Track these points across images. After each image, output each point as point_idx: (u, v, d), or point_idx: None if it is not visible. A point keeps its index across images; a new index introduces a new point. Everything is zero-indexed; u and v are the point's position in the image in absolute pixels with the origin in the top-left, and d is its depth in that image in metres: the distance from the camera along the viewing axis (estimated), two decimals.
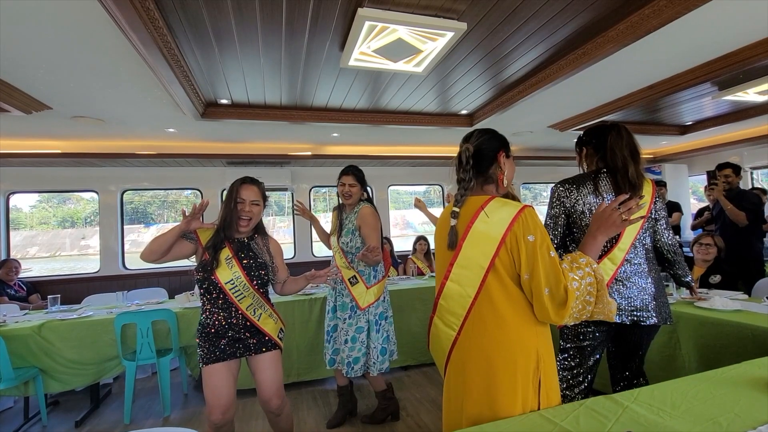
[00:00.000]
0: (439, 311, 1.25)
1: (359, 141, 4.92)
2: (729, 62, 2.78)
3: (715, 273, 2.89)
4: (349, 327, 2.48)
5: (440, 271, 1.26)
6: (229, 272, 1.84)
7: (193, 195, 5.40)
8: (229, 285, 1.83)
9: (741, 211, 3.26)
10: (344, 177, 2.53)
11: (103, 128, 3.79)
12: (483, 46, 2.52)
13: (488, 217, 1.16)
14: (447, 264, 1.22)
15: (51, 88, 2.80)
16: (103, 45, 2.21)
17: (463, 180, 1.25)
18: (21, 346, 2.77)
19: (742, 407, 1.08)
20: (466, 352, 1.16)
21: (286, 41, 2.38)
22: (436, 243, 1.35)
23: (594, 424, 1.03)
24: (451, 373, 1.20)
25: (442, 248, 1.27)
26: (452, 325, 1.19)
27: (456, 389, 1.18)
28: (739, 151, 5.63)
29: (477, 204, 1.20)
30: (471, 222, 1.18)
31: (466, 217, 1.21)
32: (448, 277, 1.20)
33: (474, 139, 1.31)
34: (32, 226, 21.45)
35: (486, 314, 1.14)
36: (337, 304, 2.55)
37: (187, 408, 3.09)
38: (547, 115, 4.09)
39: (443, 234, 1.27)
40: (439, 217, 1.39)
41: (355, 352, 2.47)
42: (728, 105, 4.19)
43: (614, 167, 1.71)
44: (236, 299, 1.84)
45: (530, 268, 1.10)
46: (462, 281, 1.18)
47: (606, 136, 1.74)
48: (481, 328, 1.14)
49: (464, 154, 1.26)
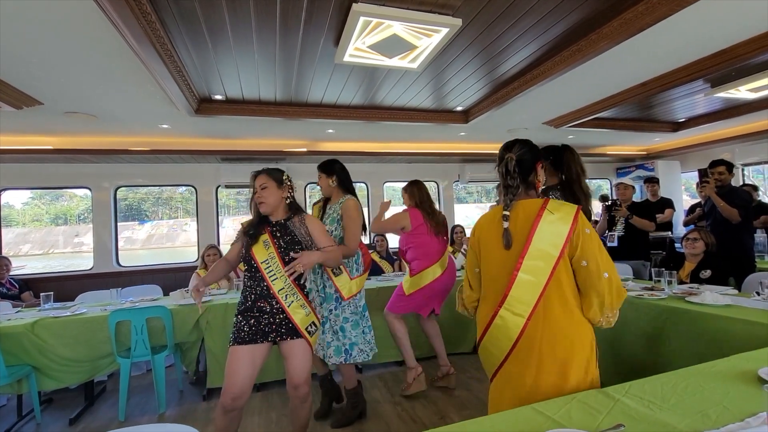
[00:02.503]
0: (508, 302, 1.35)
1: (354, 137, 4.92)
2: (721, 59, 2.80)
3: (705, 268, 2.93)
4: (337, 317, 2.55)
5: (502, 268, 1.39)
6: (265, 252, 1.99)
7: (188, 192, 5.37)
8: (265, 265, 1.97)
9: (733, 208, 3.30)
10: (319, 171, 2.75)
11: (95, 124, 3.75)
12: (478, 42, 2.52)
13: (553, 214, 1.34)
14: (512, 260, 1.36)
15: (42, 84, 2.77)
16: (94, 40, 2.18)
17: (512, 186, 1.41)
18: (14, 344, 2.75)
19: (731, 400, 1.10)
20: (538, 332, 1.31)
21: (280, 36, 2.36)
22: (485, 244, 1.47)
23: (586, 418, 1.04)
24: (518, 358, 1.34)
25: (496, 248, 1.41)
26: (522, 313, 1.33)
27: (523, 370, 1.33)
28: (731, 147, 5.69)
29: (530, 206, 1.39)
30: (536, 221, 1.35)
31: (524, 218, 1.38)
32: (519, 269, 1.34)
33: (516, 149, 1.47)
34: (25, 223, 21.23)
35: (555, 298, 1.32)
36: (321, 296, 2.58)
37: (182, 405, 3.09)
38: (542, 111, 4.11)
39: (495, 235, 1.42)
40: (484, 222, 1.52)
41: (347, 341, 2.54)
42: (720, 102, 4.23)
43: (570, 179, 2.06)
44: (270, 280, 1.96)
45: (588, 255, 1.30)
46: (534, 272, 1.32)
47: (563, 154, 2.11)
48: (552, 311, 1.32)
49: (510, 163, 1.42)
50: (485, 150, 5.78)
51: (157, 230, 22.37)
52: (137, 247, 21.13)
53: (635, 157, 6.81)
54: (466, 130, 4.60)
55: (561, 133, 4.89)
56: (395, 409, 2.81)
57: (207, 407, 3.00)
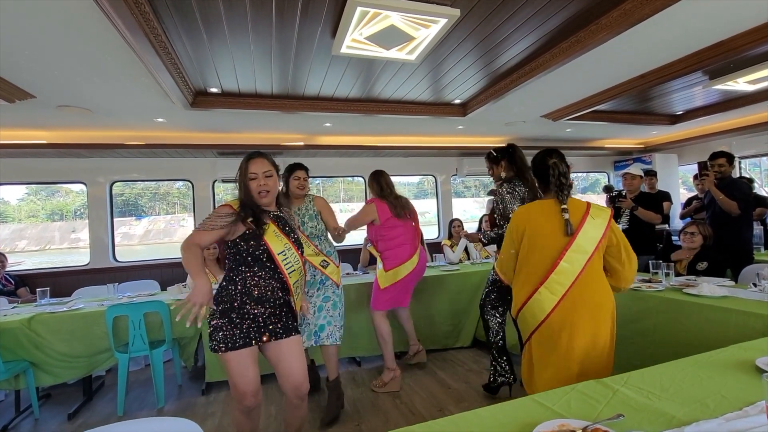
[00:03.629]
0: (548, 283, 1.68)
1: (352, 131, 4.89)
2: (720, 51, 2.79)
3: (702, 260, 2.94)
4: (317, 299, 2.66)
5: (549, 253, 1.71)
6: (280, 244, 1.84)
7: (185, 187, 5.33)
8: (282, 256, 1.82)
9: (732, 200, 3.29)
10: (299, 171, 2.72)
11: (90, 118, 3.71)
12: (476, 33, 2.50)
13: (594, 219, 1.71)
14: (559, 249, 1.69)
15: (35, 77, 2.73)
16: (87, 31, 2.14)
17: (566, 186, 1.77)
18: (10, 340, 2.74)
19: (728, 389, 1.11)
20: (571, 307, 1.67)
21: (276, 28, 2.33)
22: (533, 230, 1.76)
23: (585, 408, 1.05)
24: (550, 327, 1.70)
25: (544, 235, 1.73)
26: (557, 292, 1.68)
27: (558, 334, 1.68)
28: (728, 140, 5.69)
29: (578, 205, 1.76)
30: (582, 222, 1.70)
31: (576, 214, 1.72)
32: (562, 259, 1.67)
33: (556, 156, 1.83)
34: (20, 219, 21.08)
35: (588, 279, 1.68)
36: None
37: (181, 399, 3.09)
38: (540, 104, 4.09)
39: (553, 223, 1.73)
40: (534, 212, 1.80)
41: (321, 320, 2.62)
42: (718, 94, 4.22)
43: (524, 169, 2.63)
44: (287, 271, 1.83)
45: (616, 246, 1.75)
46: (573, 262, 1.67)
47: (513, 150, 2.70)
48: (586, 288, 1.68)
49: (561, 167, 1.79)
50: (483, 144, 5.77)
51: (155, 226, 22.29)
52: (135, 242, 21.05)
53: (633, 150, 6.81)
54: (464, 123, 4.58)
55: (559, 126, 4.88)
56: (394, 402, 2.82)
57: (206, 401, 3.01)
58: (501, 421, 1.00)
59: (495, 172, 2.76)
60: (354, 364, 3.57)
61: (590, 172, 7.77)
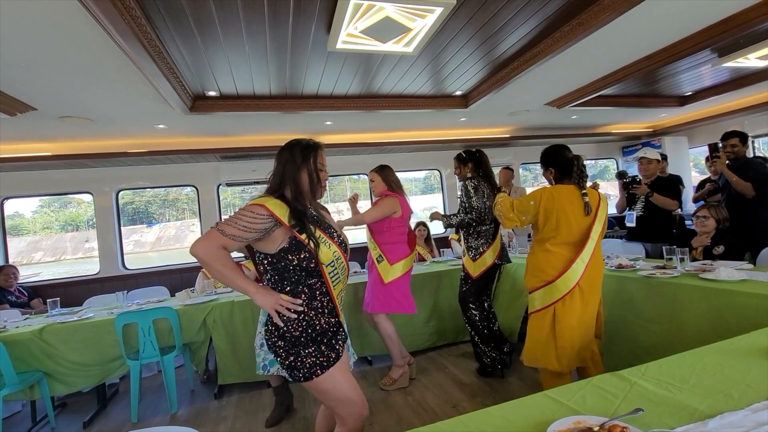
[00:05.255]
0: (583, 253, 2.07)
1: (353, 128, 4.85)
2: (729, 26, 2.68)
3: (719, 244, 2.85)
4: None
5: (577, 230, 2.10)
6: (329, 253, 1.48)
7: (194, 192, 5.34)
8: (329, 268, 1.49)
9: (747, 181, 3.17)
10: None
11: (91, 128, 3.72)
12: (474, 21, 2.44)
13: (604, 202, 2.17)
14: (586, 228, 2.09)
15: (33, 88, 2.73)
16: (80, 39, 2.13)
17: (586, 177, 2.18)
18: (23, 351, 2.76)
19: (753, 377, 1.05)
20: (593, 272, 2.10)
21: (270, 27, 2.30)
22: (568, 214, 2.08)
23: (602, 403, 1.00)
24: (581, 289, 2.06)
25: (573, 215, 2.09)
26: (585, 260, 2.07)
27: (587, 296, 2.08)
28: (740, 120, 5.53)
29: (594, 194, 2.15)
30: (598, 208, 2.12)
31: (593, 200, 2.12)
32: (591, 234, 2.08)
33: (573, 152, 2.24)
34: (35, 231, 21.47)
35: (597, 249, 2.12)
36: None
37: (194, 404, 3.10)
38: (544, 92, 4.00)
39: (577, 205, 2.10)
40: (563, 195, 2.11)
41: None
42: (728, 72, 4.09)
43: (488, 173, 3.00)
44: (332, 285, 1.50)
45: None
46: (594, 236, 2.09)
47: (480, 155, 3.03)
48: (597, 256, 2.12)
49: (581, 160, 2.19)
50: (487, 135, 5.69)
51: (165, 232, 22.51)
52: (147, 249, 21.30)
53: (641, 135, 6.67)
54: (466, 115, 4.51)
55: (564, 113, 4.78)
56: (406, 399, 2.79)
57: (218, 406, 3.01)
58: (512, 420, 0.95)
59: (461, 173, 3.05)
60: (365, 363, 3.55)
61: (598, 159, 7.62)
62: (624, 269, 2.66)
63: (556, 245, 2.10)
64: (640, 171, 3.52)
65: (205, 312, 3.08)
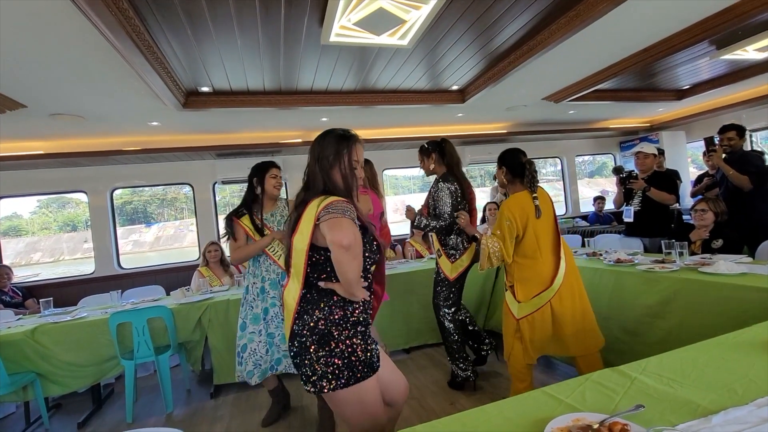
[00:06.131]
0: (562, 252, 2.17)
1: (349, 124, 4.69)
2: (726, 18, 2.66)
3: (717, 238, 2.83)
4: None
5: (548, 234, 2.19)
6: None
7: (191, 191, 5.29)
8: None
9: (744, 174, 3.16)
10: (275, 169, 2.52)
11: (84, 126, 3.67)
12: (469, 12, 2.40)
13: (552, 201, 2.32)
14: (549, 230, 2.20)
15: (22, 85, 2.68)
16: (69, 34, 2.09)
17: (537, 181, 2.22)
18: (15, 352, 2.72)
19: (756, 372, 1.02)
20: (571, 263, 2.20)
21: (262, 20, 2.26)
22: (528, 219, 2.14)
23: (601, 399, 0.97)
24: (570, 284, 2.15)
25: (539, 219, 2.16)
26: (564, 257, 2.17)
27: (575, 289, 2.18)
28: (738, 114, 5.51)
29: (543, 195, 2.26)
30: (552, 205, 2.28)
31: (543, 201, 2.22)
32: (560, 234, 2.23)
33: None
34: (34, 232, 21.37)
35: (566, 246, 2.24)
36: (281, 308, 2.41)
37: (190, 404, 3.07)
38: (541, 86, 3.97)
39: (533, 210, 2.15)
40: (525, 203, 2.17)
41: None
42: (726, 65, 4.07)
43: (453, 163, 2.78)
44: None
45: None
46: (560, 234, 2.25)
47: (444, 145, 2.81)
48: (568, 251, 2.24)
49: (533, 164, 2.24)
50: (485, 131, 5.65)
51: (164, 232, 22.43)
52: (146, 249, 21.21)
53: (639, 130, 6.65)
54: (463, 110, 4.48)
55: (561, 108, 4.75)
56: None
57: (214, 405, 2.97)
58: (510, 418, 0.93)
59: (425, 165, 2.84)
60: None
61: (596, 154, 7.61)
62: (622, 264, 2.64)
63: (542, 254, 2.15)
64: (636, 165, 3.50)
65: (200, 311, 3.05)
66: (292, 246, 1.40)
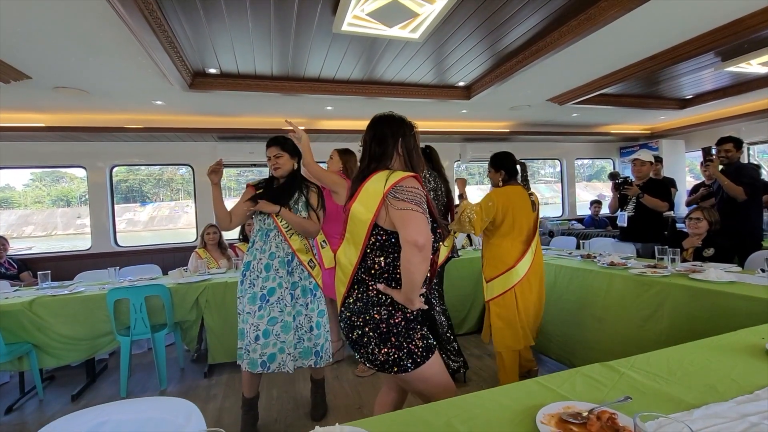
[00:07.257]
0: (533, 245, 2.46)
1: (354, 115, 4.81)
2: (734, 30, 2.69)
3: (708, 246, 2.89)
4: (312, 312, 2.26)
5: (526, 224, 2.45)
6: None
7: (189, 173, 5.29)
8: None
9: (739, 185, 3.22)
10: (270, 148, 2.28)
11: (87, 100, 3.65)
12: (482, 10, 2.41)
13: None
14: (533, 223, 2.49)
15: (29, 56, 2.67)
16: (81, 7, 2.08)
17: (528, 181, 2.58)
18: (12, 322, 2.74)
19: (738, 373, 1.08)
20: (538, 258, 2.50)
21: (275, 4, 2.26)
22: (520, 208, 2.43)
23: (591, 390, 1.02)
24: (533, 272, 2.44)
25: (525, 210, 2.45)
26: (533, 250, 2.46)
27: (539, 278, 2.50)
28: (737, 126, 5.58)
29: (534, 195, 2.55)
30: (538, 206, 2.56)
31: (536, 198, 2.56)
32: (536, 231, 2.51)
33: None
34: (26, 205, 21.16)
35: (538, 243, 2.54)
36: (291, 292, 2.22)
37: (184, 382, 3.11)
38: (547, 87, 3.99)
39: (526, 203, 2.46)
40: (516, 195, 2.45)
41: (322, 339, 2.29)
42: (729, 77, 4.11)
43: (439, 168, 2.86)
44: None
45: None
46: (537, 231, 2.54)
47: (431, 152, 2.86)
48: (539, 249, 2.53)
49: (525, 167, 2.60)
50: (487, 128, 5.68)
51: (159, 212, 22.31)
52: (140, 228, 21.12)
53: (639, 137, 6.70)
54: (467, 107, 4.49)
55: (565, 110, 4.78)
56: None
57: (208, 384, 3.02)
58: (504, 404, 0.97)
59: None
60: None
61: (595, 158, 7.66)
62: (616, 267, 2.70)
63: (512, 239, 2.43)
64: (633, 172, 3.58)
65: (197, 291, 3.08)
66: (350, 211, 1.39)
